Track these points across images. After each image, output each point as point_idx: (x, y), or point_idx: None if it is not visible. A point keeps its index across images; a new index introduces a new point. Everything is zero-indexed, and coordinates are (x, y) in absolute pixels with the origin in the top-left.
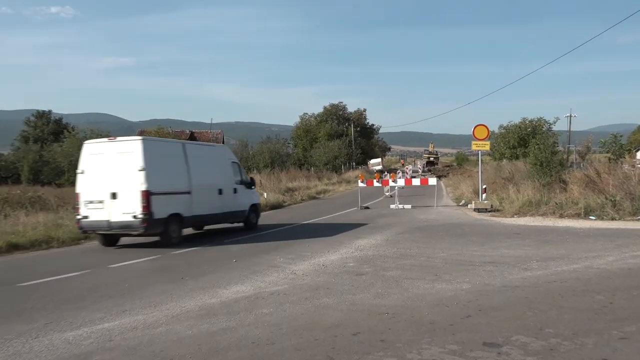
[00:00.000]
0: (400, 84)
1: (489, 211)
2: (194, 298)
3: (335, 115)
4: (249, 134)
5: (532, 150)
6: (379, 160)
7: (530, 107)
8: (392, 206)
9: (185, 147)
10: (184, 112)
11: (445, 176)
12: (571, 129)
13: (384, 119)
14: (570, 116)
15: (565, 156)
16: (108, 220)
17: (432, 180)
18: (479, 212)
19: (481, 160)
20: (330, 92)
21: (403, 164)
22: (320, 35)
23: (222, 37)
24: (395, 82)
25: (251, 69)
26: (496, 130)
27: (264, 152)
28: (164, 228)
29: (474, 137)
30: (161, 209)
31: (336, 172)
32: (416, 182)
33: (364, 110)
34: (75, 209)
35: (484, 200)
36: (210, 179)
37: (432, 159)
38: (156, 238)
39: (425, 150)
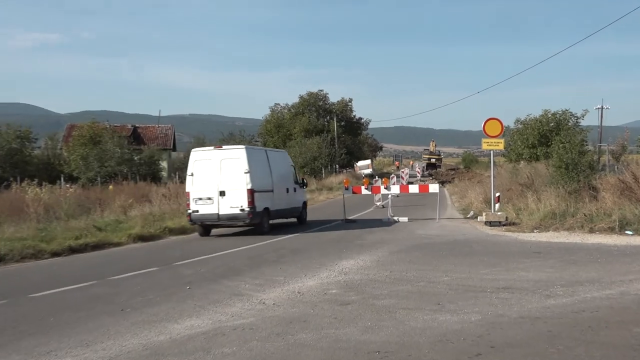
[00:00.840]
0: (394, 67)
1: (504, 225)
2: (137, 335)
3: (314, 107)
4: (207, 129)
5: (555, 149)
6: (368, 162)
7: (553, 97)
8: (385, 219)
9: (267, 153)
10: (125, 102)
11: (449, 182)
12: (603, 124)
13: (375, 111)
14: (602, 108)
15: (595, 157)
16: (217, 214)
17: (434, 187)
18: (491, 226)
19: (494, 162)
20: (307, 77)
21: (398, 167)
22: (295, 6)
23: (172, 10)
24: (388, 65)
25: (210, 49)
26: (512, 126)
27: None
28: (261, 219)
29: (484, 133)
30: (259, 204)
31: (315, 176)
32: (414, 189)
33: (350, 100)
34: (186, 205)
35: (497, 211)
36: (282, 180)
37: (433, 160)
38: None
39: (425, 149)
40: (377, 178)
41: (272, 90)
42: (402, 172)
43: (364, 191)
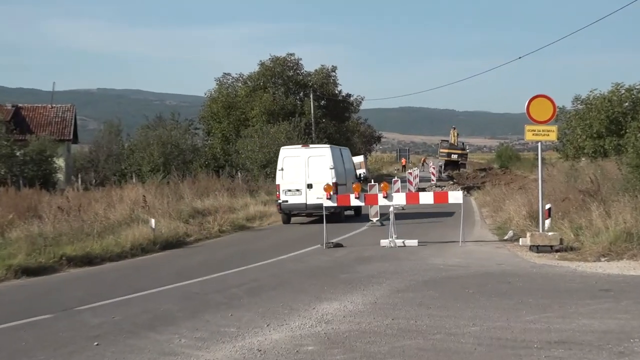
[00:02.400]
0: (397, 23)
1: (557, 250)
2: None
3: (281, 78)
4: (123, 110)
5: (631, 140)
6: (360, 159)
7: (628, 65)
8: (384, 242)
9: (341, 150)
10: (3, 71)
11: (478, 188)
12: None
13: (371, 86)
14: None
15: None
16: (305, 203)
17: (456, 196)
18: (538, 251)
19: (542, 159)
20: (271, 36)
21: (404, 166)
22: None
23: None
24: (389, 20)
25: None
26: (568, 107)
27: (151, 144)
28: (341, 209)
29: (529, 118)
30: (341, 191)
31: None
32: (427, 198)
33: (333, 69)
34: (276, 196)
35: (548, 231)
36: (349, 175)
37: (454, 157)
38: None
39: (442, 141)
40: (372, 183)
41: (219, 54)
42: (410, 173)
43: (354, 202)
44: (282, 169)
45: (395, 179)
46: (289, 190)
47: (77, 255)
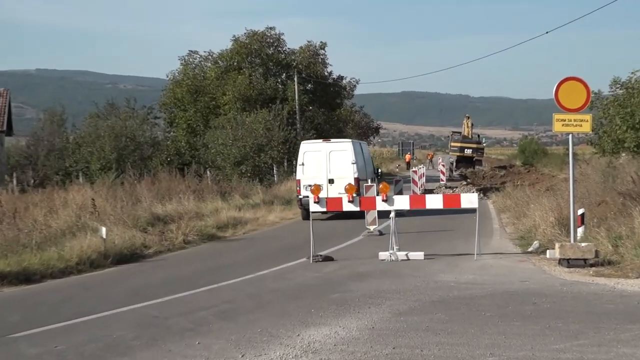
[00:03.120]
0: None
1: (591, 265)
2: None
3: (259, 57)
4: (66, 96)
5: None
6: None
7: None
8: (384, 255)
9: (360, 144)
10: None
11: (497, 189)
12: None
13: (367, 67)
14: None
15: None
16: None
17: (470, 199)
18: (569, 266)
19: (574, 154)
20: (248, 5)
21: (408, 163)
22: None
23: None
24: None
25: None
26: (605, 92)
27: (102, 137)
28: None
29: (558, 105)
30: (362, 191)
31: (261, 181)
32: (434, 202)
33: (322, 46)
34: (297, 191)
35: (581, 241)
36: (369, 170)
37: (468, 151)
38: None
39: (453, 133)
40: (369, 182)
41: (184, 30)
42: (415, 172)
43: (347, 206)
44: (302, 164)
45: (397, 178)
46: (310, 186)
47: (11, 272)
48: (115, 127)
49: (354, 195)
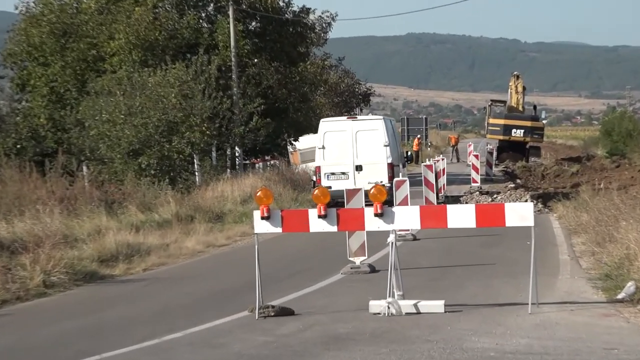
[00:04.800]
0: None
1: None
2: None
3: None
4: None
5: None
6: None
7: None
8: (378, 305)
9: (391, 122)
10: None
11: (566, 196)
12: None
13: None
14: None
15: None
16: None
17: (520, 212)
18: None
19: None
20: None
21: (417, 152)
22: None
23: None
24: None
25: None
26: None
27: None
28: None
29: None
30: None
31: (174, 182)
32: (462, 217)
33: None
34: (317, 181)
35: None
36: (400, 153)
37: (518, 133)
38: None
39: (492, 103)
40: (355, 186)
41: None
42: (429, 167)
43: (317, 225)
44: (323, 147)
45: (401, 177)
46: (332, 174)
47: None
48: None
49: (389, 185)
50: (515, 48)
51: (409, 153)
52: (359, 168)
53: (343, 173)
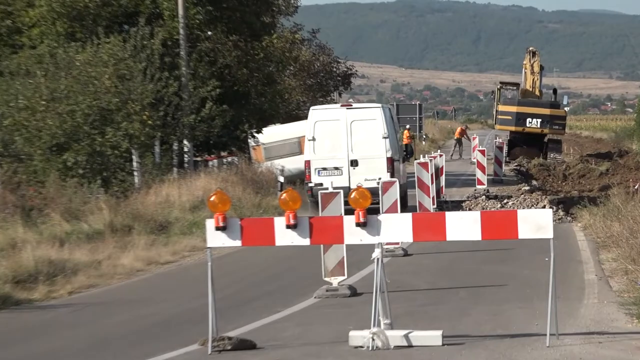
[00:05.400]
0: None
1: None
2: None
3: None
4: None
5: None
6: (301, 130)
7: None
8: (360, 337)
9: (390, 110)
10: None
11: (593, 201)
12: None
13: None
14: None
15: None
16: (348, 187)
17: (537, 220)
18: None
19: None
20: None
21: (408, 142)
22: None
23: None
24: None
25: None
26: None
27: None
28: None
29: None
30: (397, 175)
31: (107, 184)
32: (464, 226)
33: None
34: (306, 177)
35: None
36: (399, 146)
37: (535, 123)
38: None
39: (502, 86)
40: (331, 189)
41: None
42: (424, 165)
43: (285, 237)
44: (313, 139)
45: (388, 177)
46: (324, 169)
47: None
48: None
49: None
50: (530, 18)
51: (409, 146)
52: (354, 163)
53: (336, 168)
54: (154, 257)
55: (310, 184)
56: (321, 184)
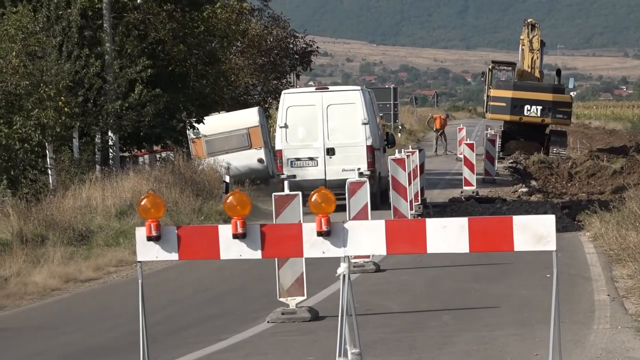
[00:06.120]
0: None
1: None
2: None
3: None
4: None
5: None
6: (252, 116)
7: None
8: None
9: (370, 94)
10: None
11: (605, 205)
12: None
13: None
14: None
15: None
16: (324, 179)
17: (535, 229)
18: None
19: None
20: None
21: (387, 137)
22: None
23: None
24: None
25: None
26: None
27: None
28: (377, 188)
29: None
30: (378, 166)
31: (15, 185)
32: (448, 237)
33: None
34: (278, 168)
35: None
36: (379, 132)
37: (535, 110)
38: None
39: (494, 67)
40: (289, 191)
41: None
42: (400, 162)
43: (232, 249)
44: (285, 126)
45: (358, 177)
46: (298, 160)
47: None
48: None
49: (371, 171)
50: None
51: (390, 134)
52: (330, 152)
53: (311, 159)
54: (72, 274)
55: (282, 176)
56: (294, 176)
